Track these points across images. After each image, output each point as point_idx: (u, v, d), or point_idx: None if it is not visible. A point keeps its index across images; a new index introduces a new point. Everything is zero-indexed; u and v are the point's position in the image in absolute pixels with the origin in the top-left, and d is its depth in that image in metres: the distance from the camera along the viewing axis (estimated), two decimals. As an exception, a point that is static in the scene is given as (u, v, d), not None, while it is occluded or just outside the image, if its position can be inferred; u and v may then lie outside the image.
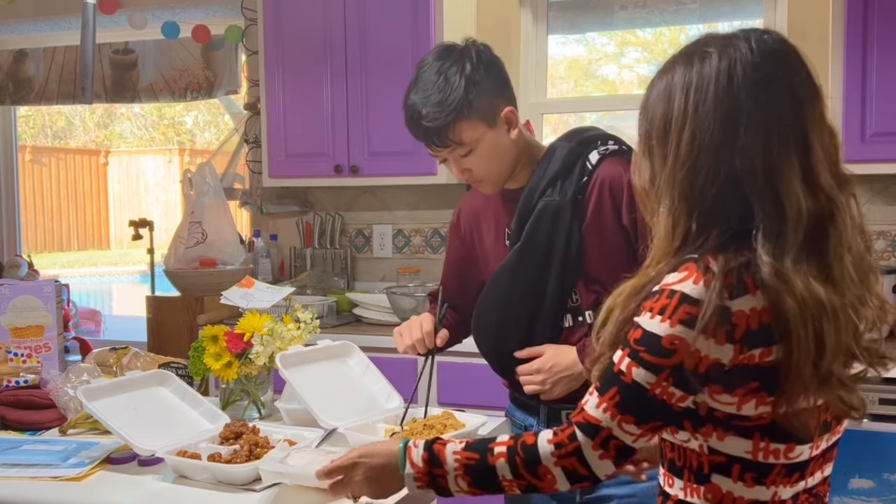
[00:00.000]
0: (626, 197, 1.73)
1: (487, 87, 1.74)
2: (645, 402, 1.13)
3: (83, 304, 5.28)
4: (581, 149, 1.80)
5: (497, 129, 1.76)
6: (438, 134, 1.73)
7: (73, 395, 1.91)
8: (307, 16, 3.51)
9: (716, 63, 1.13)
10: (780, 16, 3.29)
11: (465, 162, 1.77)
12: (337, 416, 1.79)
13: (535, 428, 1.88)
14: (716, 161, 1.11)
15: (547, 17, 3.67)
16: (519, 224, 1.80)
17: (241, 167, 4.03)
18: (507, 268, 1.82)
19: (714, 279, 1.08)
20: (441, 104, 1.71)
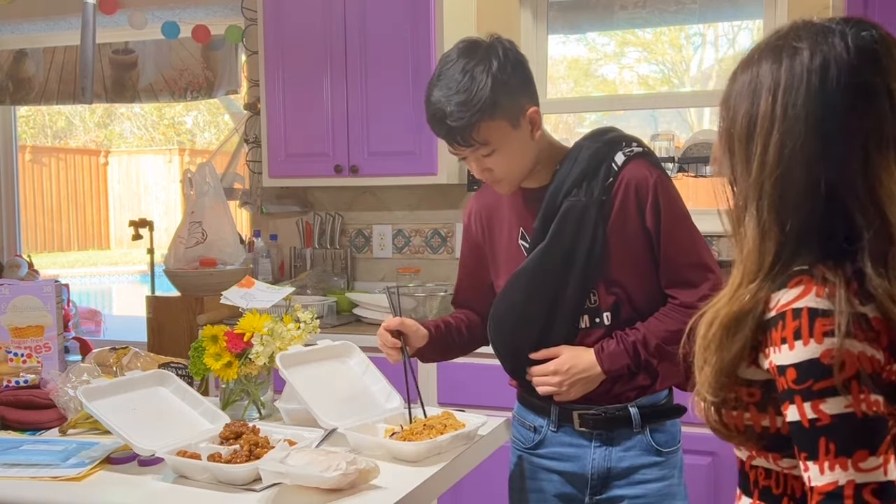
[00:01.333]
0: (651, 200, 1.74)
1: (513, 87, 1.71)
2: (863, 426, 0.95)
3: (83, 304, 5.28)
4: (607, 149, 1.78)
5: (521, 129, 1.74)
6: (462, 133, 1.69)
7: (73, 395, 1.90)
8: (307, 16, 3.51)
9: (807, 61, 1.03)
10: (780, 16, 3.29)
11: (487, 161, 1.74)
12: (337, 416, 1.79)
13: (545, 429, 1.88)
14: (808, 171, 1.01)
15: (547, 17, 3.67)
16: (543, 224, 1.78)
17: (241, 167, 4.03)
18: (528, 268, 1.79)
19: (837, 288, 0.97)
20: (466, 103, 1.67)
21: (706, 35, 3.94)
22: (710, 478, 2.70)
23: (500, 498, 2.93)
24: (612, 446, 1.82)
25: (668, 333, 1.74)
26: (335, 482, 1.44)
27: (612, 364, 1.76)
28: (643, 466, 1.81)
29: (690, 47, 4.19)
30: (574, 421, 1.83)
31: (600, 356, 1.76)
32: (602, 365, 1.76)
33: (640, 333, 1.75)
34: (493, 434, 1.86)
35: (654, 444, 1.82)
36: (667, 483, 1.84)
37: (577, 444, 1.84)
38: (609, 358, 1.75)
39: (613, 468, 1.82)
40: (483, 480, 2.87)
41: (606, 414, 1.81)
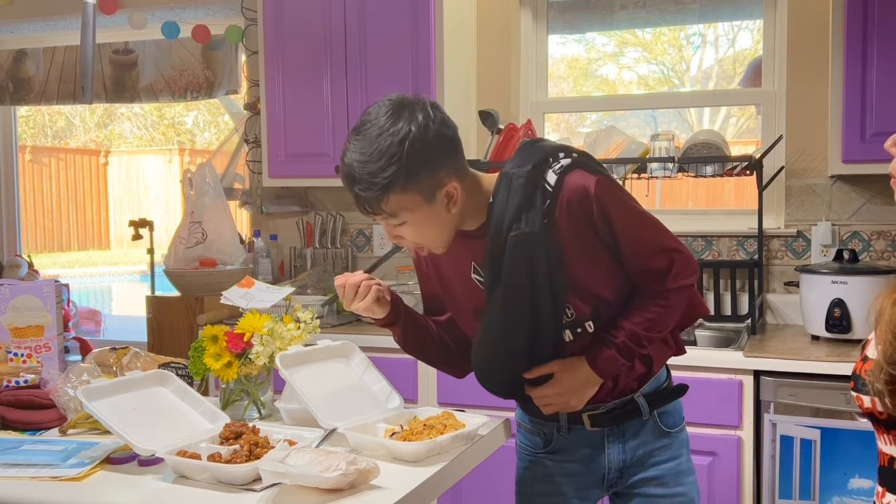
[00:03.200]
0: (597, 210, 1.67)
1: (430, 159, 1.61)
2: None
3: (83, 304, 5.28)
4: (536, 174, 1.68)
5: (436, 203, 1.64)
6: (370, 203, 1.61)
7: (73, 395, 1.90)
8: (307, 16, 3.51)
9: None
10: (780, 16, 3.29)
11: (399, 230, 1.68)
12: (337, 416, 1.79)
13: (556, 434, 1.88)
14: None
15: (547, 17, 3.67)
16: (494, 265, 1.70)
17: (241, 167, 4.03)
18: (496, 310, 1.72)
19: None
20: (375, 174, 1.58)
21: (706, 35, 3.94)
22: (711, 478, 2.70)
23: (500, 498, 2.94)
24: (625, 438, 1.85)
25: (650, 323, 1.74)
26: (335, 482, 1.44)
27: (608, 369, 1.76)
28: (655, 450, 1.85)
29: (690, 47, 4.19)
30: (585, 422, 1.84)
31: (594, 365, 1.75)
32: (598, 372, 1.75)
33: (626, 332, 1.74)
34: (493, 434, 1.85)
35: (662, 426, 1.86)
36: (678, 461, 1.88)
37: (590, 444, 1.86)
38: (604, 365, 1.75)
39: (630, 458, 1.85)
40: (483, 480, 2.87)
41: (616, 409, 1.83)
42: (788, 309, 3.22)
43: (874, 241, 3.17)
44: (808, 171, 3.24)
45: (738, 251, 3.33)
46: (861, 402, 1.17)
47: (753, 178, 3.04)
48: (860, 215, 3.18)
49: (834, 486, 2.54)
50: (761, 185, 2.99)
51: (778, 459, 2.61)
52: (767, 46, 3.35)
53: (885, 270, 2.82)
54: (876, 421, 1.18)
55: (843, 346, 2.74)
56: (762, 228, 3.01)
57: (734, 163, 3.09)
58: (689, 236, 3.36)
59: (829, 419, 2.55)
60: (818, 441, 2.56)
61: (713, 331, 3.20)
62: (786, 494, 2.60)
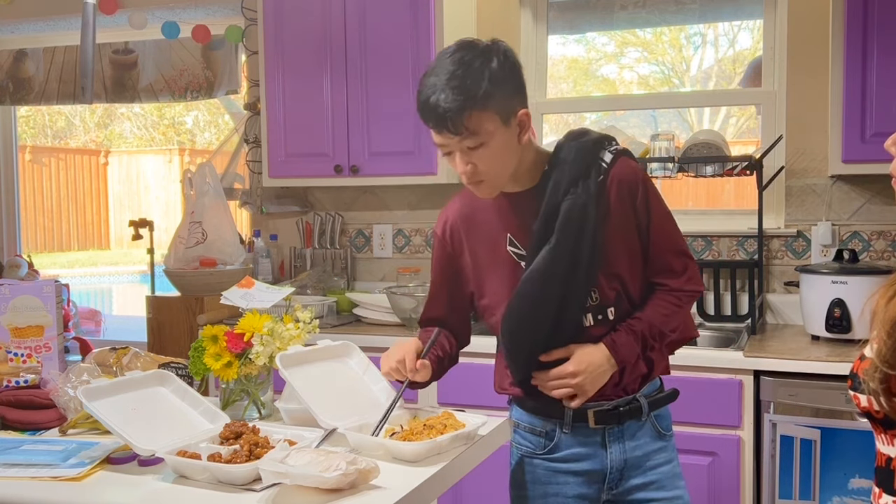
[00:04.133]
0: (641, 195, 1.81)
1: (508, 85, 1.72)
2: None
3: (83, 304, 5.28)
4: (595, 148, 1.81)
5: (510, 128, 1.73)
6: (454, 119, 1.66)
7: (73, 395, 1.90)
8: (307, 16, 3.51)
9: None
10: (780, 16, 3.29)
11: (473, 156, 1.72)
12: (337, 416, 1.79)
13: (558, 433, 1.89)
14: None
15: (547, 17, 3.67)
16: (546, 223, 1.77)
17: (241, 167, 4.03)
18: (540, 270, 1.77)
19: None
20: (461, 89, 1.66)
21: (706, 35, 3.94)
22: (711, 478, 2.70)
23: (500, 498, 2.93)
24: (625, 438, 1.87)
25: (665, 318, 1.83)
26: (335, 482, 1.44)
27: (625, 355, 1.81)
28: (653, 452, 1.89)
29: (690, 47, 4.19)
30: (589, 419, 1.85)
31: (614, 349, 1.79)
32: (616, 357, 1.80)
33: (645, 322, 1.82)
34: (493, 434, 1.85)
35: (659, 428, 1.90)
36: (673, 465, 1.92)
37: (592, 443, 1.87)
38: (622, 350, 1.80)
39: (629, 459, 1.88)
40: (483, 480, 2.87)
41: (620, 407, 1.85)
42: (788, 309, 3.22)
43: (874, 241, 3.17)
44: (808, 171, 3.24)
45: (738, 251, 3.33)
46: (858, 402, 1.18)
47: (753, 178, 3.04)
48: (860, 215, 3.18)
49: (834, 486, 2.54)
50: (761, 185, 2.99)
51: (778, 459, 2.61)
52: (767, 46, 3.35)
53: (885, 270, 2.81)
54: (873, 420, 1.19)
55: (843, 346, 2.74)
56: (762, 228, 3.01)
57: (734, 163, 3.09)
58: (689, 236, 3.35)
59: (829, 419, 2.55)
60: (818, 441, 2.56)
61: (713, 331, 3.20)
62: (786, 494, 2.60)
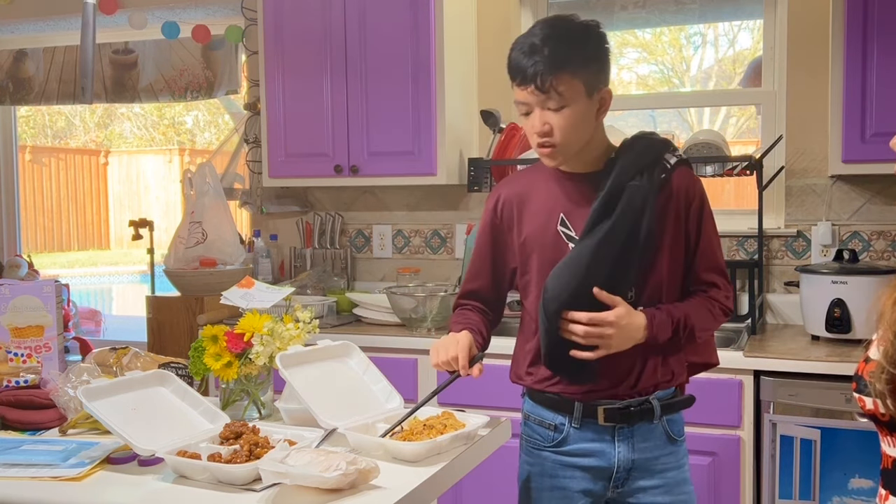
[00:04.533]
0: (697, 204, 1.87)
1: (599, 62, 1.79)
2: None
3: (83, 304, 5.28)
4: (661, 147, 1.88)
5: (592, 101, 1.79)
6: (544, 76, 1.73)
7: (73, 395, 1.90)
8: (307, 16, 3.51)
9: None
10: (780, 16, 3.29)
11: (552, 117, 1.77)
12: (337, 416, 1.79)
13: (567, 427, 1.89)
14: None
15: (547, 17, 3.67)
16: (608, 202, 1.81)
17: (241, 167, 4.03)
18: (594, 242, 1.80)
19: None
20: (557, 50, 1.72)
21: (706, 35, 3.93)
22: (711, 478, 2.70)
23: (500, 498, 2.94)
24: (634, 439, 1.87)
25: (699, 317, 1.86)
26: (335, 482, 1.44)
27: (658, 332, 1.83)
28: (662, 456, 1.89)
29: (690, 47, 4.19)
30: (599, 416, 1.86)
31: (652, 322, 1.81)
32: (651, 330, 1.81)
33: (683, 312, 1.85)
34: (493, 434, 1.85)
35: (670, 433, 1.90)
36: (681, 470, 1.93)
37: (600, 440, 1.87)
38: (658, 326, 1.82)
39: (637, 459, 1.88)
40: (483, 480, 2.87)
41: (631, 407, 1.85)
42: (788, 309, 3.22)
43: (874, 241, 3.17)
44: (808, 171, 3.24)
45: (738, 251, 3.33)
46: (863, 404, 1.18)
47: (753, 178, 3.04)
48: (860, 215, 3.18)
49: (834, 486, 2.54)
50: (761, 185, 2.99)
51: (778, 459, 2.61)
52: (767, 46, 3.35)
53: (885, 270, 2.82)
54: (878, 423, 1.19)
55: (843, 346, 2.74)
56: (762, 228, 3.01)
57: (734, 163, 3.09)
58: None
59: (829, 419, 2.55)
60: (818, 441, 2.56)
61: (713, 331, 3.19)
62: (786, 494, 2.60)
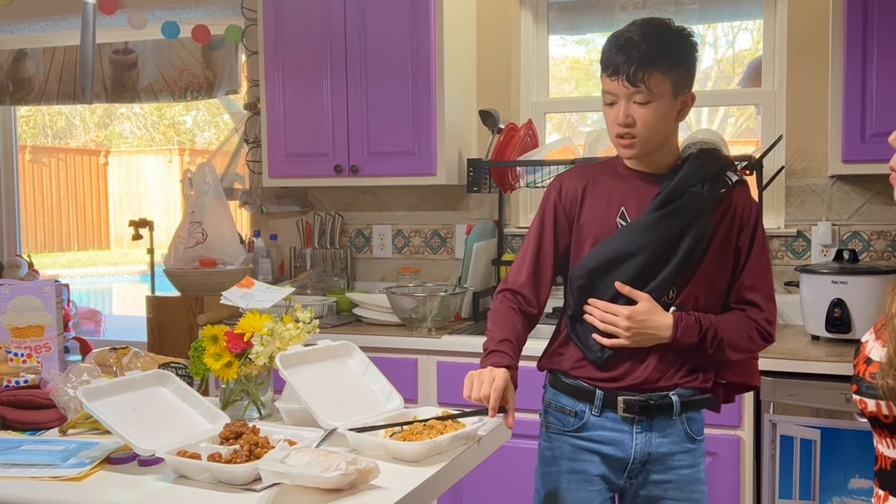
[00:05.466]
0: (752, 223, 1.92)
1: (689, 66, 1.87)
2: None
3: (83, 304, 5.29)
4: (725, 162, 1.96)
5: (675, 102, 1.85)
6: (636, 70, 1.79)
7: (73, 395, 1.90)
8: (307, 16, 3.51)
9: None
10: (780, 16, 3.29)
11: (636, 110, 1.82)
12: (337, 416, 1.79)
13: (588, 414, 1.92)
14: None
15: (547, 17, 3.67)
16: (665, 201, 1.87)
17: (241, 167, 4.03)
18: (645, 223, 1.86)
19: None
20: (654, 47, 1.79)
21: (706, 35, 3.93)
22: (711, 478, 2.70)
23: (500, 498, 2.94)
24: (652, 432, 1.90)
25: (731, 331, 1.88)
26: (335, 482, 1.44)
27: (683, 336, 1.85)
28: (678, 453, 1.91)
29: (690, 47, 4.18)
30: (618, 406, 1.89)
31: (678, 325, 1.84)
32: (676, 332, 1.84)
33: (714, 322, 1.87)
34: (493, 434, 1.85)
35: (689, 431, 1.93)
36: (695, 469, 1.95)
37: (619, 429, 1.91)
38: (684, 330, 1.85)
39: (653, 453, 1.90)
40: (483, 480, 2.87)
41: (651, 401, 1.88)
42: (788, 309, 3.22)
43: (874, 241, 3.17)
44: (808, 171, 3.24)
45: (738, 251, 3.33)
46: (865, 406, 1.17)
47: (753, 178, 3.04)
48: (860, 215, 3.18)
49: (834, 486, 2.54)
50: (761, 185, 2.99)
51: (778, 459, 2.61)
52: (767, 46, 3.35)
53: (885, 270, 2.82)
54: (880, 424, 1.18)
55: (843, 346, 2.74)
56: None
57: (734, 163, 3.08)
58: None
59: (829, 419, 2.55)
60: (818, 441, 2.56)
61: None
62: (786, 494, 2.60)
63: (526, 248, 2.01)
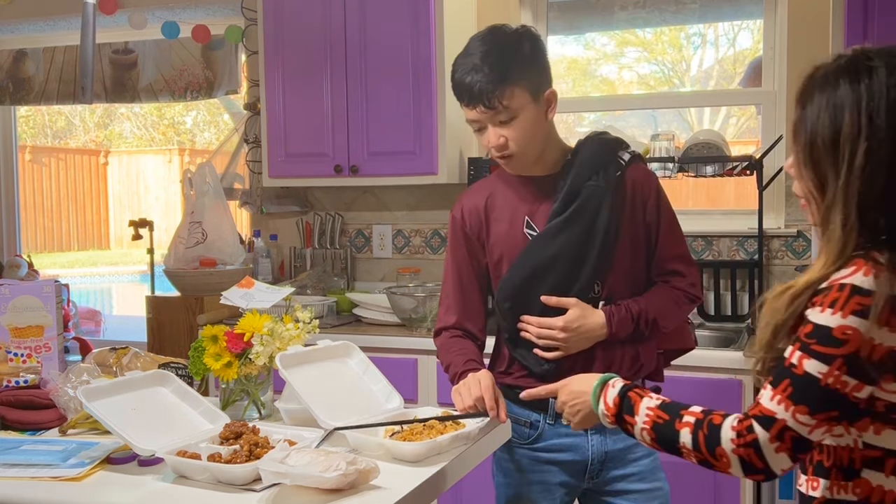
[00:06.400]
0: (654, 196, 1.92)
1: (538, 65, 1.85)
2: (817, 392, 1.17)
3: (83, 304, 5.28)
4: (614, 145, 1.94)
5: (539, 105, 1.85)
6: (489, 94, 1.78)
7: (73, 395, 1.90)
8: (307, 16, 3.51)
9: (884, 78, 1.20)
10: (780, 16, 3.29)
11: (505, 129, 1.83)
12: (337, 416, 1.79)
13: (542, 424, 1.94)
14: (890, 172, 1.20)
15: (547, 17, 3.67)
16: (564, 204, 1.87)
17: (241, 167, 4.03)
18: (551, 231, 1.87)
19: (883, 270, 1.16)
20: (495, 66, 1.78)
21: (706, 35, 3.94)
22: (711, 477, 2.70)
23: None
24: (607, 431, 1.90)
25: (659, 309, 1.90)
26: (335, 482, 1.44)
27: (619, 329, 1.87)
28: (634, 446, 1.93)
29: (690, 47, 4.19)
30: None
31: (611, 321, 1.86)
32: (611, 328, 1.86)
33: (643, 306, 1.88)
34: (493, 434, 1.85)
35: None
36: (653, 458, 1.97)
37: (574, 434, 1.91)
38: (619, 324, 1.86)
39: (610, 451, 1.92)
40: (483, 480, 2.87)
41: None
42: (788, 309, 3.22)
43: (874, 241, 3.17)
44: (808, 171, 3.24)
45: (738, 251, 3.33)
46: None
47: (753, 178, 3.04)
48: (860, 215, 3.18)
49: (834, 486, 2.54)
50: (761, 185, 2.99)
51: (778, 459, 2.61)
52: (767, 46, 3.35)
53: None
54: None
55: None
56: (762, 228, 3.01)
57: (734, 163, 3.09)
58: (690, 236, 3.35)
59: (829, 419, 2.55)
60: (818, 441, 2.56)
61: (713, 331, 3.19)
62: (786, 494, 2.60)
63: (446, 282, 2.03)
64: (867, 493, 1.22)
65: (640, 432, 1.37)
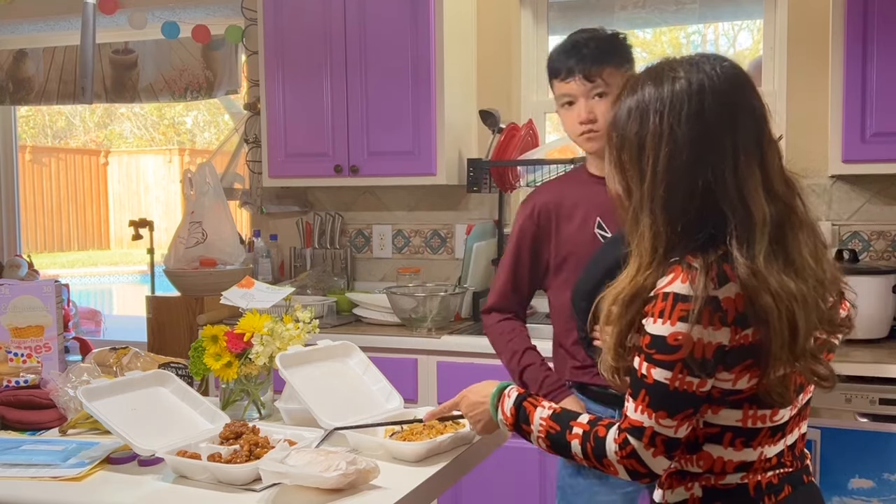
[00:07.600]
0: None
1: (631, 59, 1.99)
2: (669, 396, 1.26)
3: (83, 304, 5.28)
4: None
5: None
6: (592, 66, 1.91)
7: (73, 395, 1.90)
8: (307, 16, 3.51)
9: (685, 86, 1.27)
10: (780, 16, 3.29)
11: (596, 105, 1.92)
12: (337, 416, 1.79)
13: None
14: (692, 177, 1.26)
15: (547, 17, 3.67)
16: None
17: (241, 167, 4.03)
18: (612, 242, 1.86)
19: (698, 274, 1.23)
20: (602, 46, 1.93)
21: (706, 35, 3.94)
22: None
23: (499, 498, 2.94)
24: None
25: None
26: (335, 482, 1.44)
27: None
28: None
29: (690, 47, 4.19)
30: None
31: None
32: None
33: None
34: (493, 434, 1.85)
35: None
36: None
37: None
38: None
39: None
40: (483, 480, 2.87)
41: None
42: (788, 309, 3.22)
43: (874, 241, 3.17)
44: (808, 171, 3.24)
45: (738, 251, 3.32)
46: None
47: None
48: (860, 215, 3.18)
49: (834, 486, 2.54)
50: (761, 185, 2.99)
51: (778, 459, 2.61)
52: (767, 46, 3.35)
53: (885, 270, 2.81)
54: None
55: (842, 346, 2.73)
56: (762, 228, 3.01)
57: (734, 163, 3.08)
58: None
59: (829, 419, 2.55)
60: (818, 441, 2.56)
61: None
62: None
63: (503, 266, 2.09)
64: (710, 464, 1.32)
65: (537, 440, 1.45)
